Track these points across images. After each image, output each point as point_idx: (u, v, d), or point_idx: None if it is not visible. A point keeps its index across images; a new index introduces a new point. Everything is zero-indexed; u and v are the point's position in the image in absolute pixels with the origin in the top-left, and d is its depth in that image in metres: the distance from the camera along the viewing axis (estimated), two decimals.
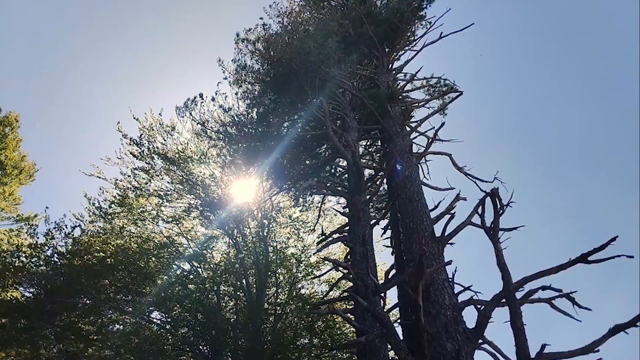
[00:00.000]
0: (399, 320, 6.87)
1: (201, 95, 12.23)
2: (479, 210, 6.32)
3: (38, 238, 12.67)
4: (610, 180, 29.81)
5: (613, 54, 28.61)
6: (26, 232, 12.88)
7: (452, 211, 7.35)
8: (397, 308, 7.15)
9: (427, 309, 5.64)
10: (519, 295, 5.33)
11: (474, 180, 8.76)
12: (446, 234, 6.79)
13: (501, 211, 5.99)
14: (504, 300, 5.39)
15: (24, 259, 12.43)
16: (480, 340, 5.52)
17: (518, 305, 5.14)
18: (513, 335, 4.89)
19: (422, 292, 5.24)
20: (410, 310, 5.94)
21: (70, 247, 12.57)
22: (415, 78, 11.84)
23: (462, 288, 6.33)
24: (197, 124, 12.64)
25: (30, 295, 12.73)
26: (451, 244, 7.04)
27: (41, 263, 12.42)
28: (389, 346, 6.52)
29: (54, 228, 12.45)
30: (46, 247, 12.42)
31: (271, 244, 14.45)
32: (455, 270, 6.26)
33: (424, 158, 9.54)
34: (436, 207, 7.75)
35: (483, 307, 5.62)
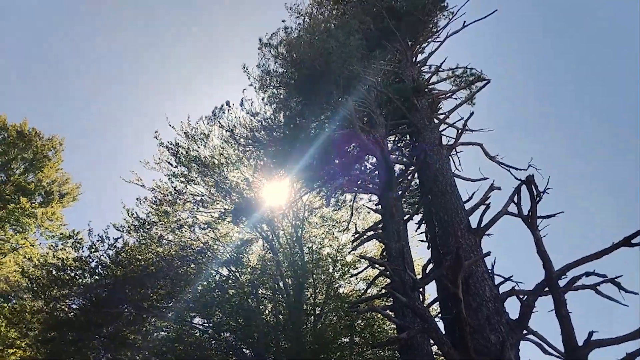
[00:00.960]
0: (439, 315, 6.80)
1: (228, 103, 12.44)
2: (515, 199, 6.21)
3: (83, 251, 13.09)
4: None
5: None
6: (71, 246, 13.30)
7: (487, 201, 7.23)
8: (437, 302, 7.08)
9: (467, 302, 5.58)
10: (562, 283, 5.21)
11: (507, 168, 8.59)
12: (482, 225, 6.68)
13: (538, 198, 5.87)
14: (546, 289, 5.28)
15: (70, 272, 12.88)
16: (524, 331, 5.42)
17: (562, 293, 5.04)
18: (558, 324, 4.79)
19: (462, 285, 5.19)
20: (451, 304, 5.88)
21: (113, 258, 12.94)
22: (441, 69, 11.69)
23: (503, 279, 6.22)
24: (226, 131, 12.85)
25: (78, 307, 13.15)
26: (488, 235, 6.94)
27: (86, 275, 12.83)
28: (431, 341, 6.48)
29: (97, 241, 12.83)
30: (90, 260, 12.82)
31: (306, 244, 14.53)
32: (495, 262, 6.16)
33: (454, 150, 9.42)
34: (470, 198, 7.64)
35: (525, 297, 5.52)
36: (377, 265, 8.76)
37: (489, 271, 6.16)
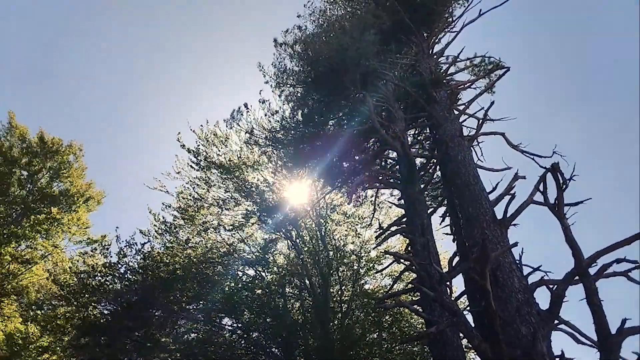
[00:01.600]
0: (468, 308, 6.73)
1: (246, 105, 12.51)
2: (541, 188, 6.10)
3: (111, 257, 13.35)
4: None
5: None
6: (99, 253, 13.57)
7: (512, 191, 7.10)
8: (465, 295, 7.00)
9: (496, 294, 5.50)
10: (592, 270, 5.10)
11: (531, 157, 8.43)
12: (508, 215, 6.57)
13: (564, 186, 5.75)
14: (577, 277, 5.17)
15: (99, 279, 13.14)
16: (556, 321, 5.32)
17: (593, 281, 4.93)
18: (590, 312, 4.69)
19: (490, 277, 5.12)
20: (479, 296, 5.81)
21: (141, 262, 13.16)
22: (458, 60, 11.54)
23: (531, 269, 6.10)
24: (245, 132, 12.94)
25: (109, 312, 13.41)
26: (515, 225, 6.83)
27: (116, 281, 13.08)
28: (461, 335, 6.41)
29: (125, 246, 13.07)
30: (119, 265, 13.07)
31: (330, 242, 14.54)
32: (522, 252, 6.06)
33: (476, 140, 9.30)
34: (494, 189, 7.52)
35: (555, 286, 5.41)
36: (402, 260, 8.69)
37: (517, 262, 6.07)
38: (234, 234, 14.42)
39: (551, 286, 5.55)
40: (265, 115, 12.26)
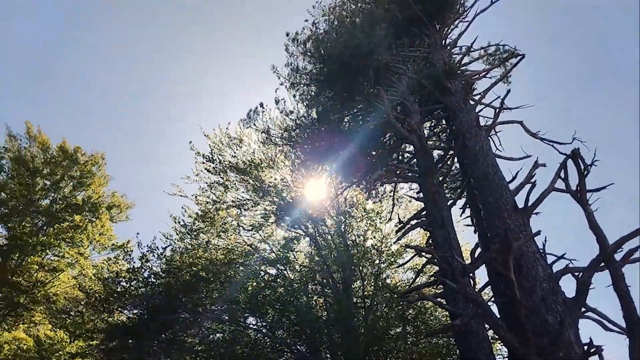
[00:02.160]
0: (492, 299, 6.69)
1: (261, 105, 12.59)
2: (562, 174, 6.03)
3: (134, 262, 13.58)
4: None
5: None
6: (123, 259, 13.81)
7: (533, 180, 7.02)
8: (489, 287, 6.96)
9: (520, 284, 5.46)
10: (618, 256, 5.04)
11: (550, 144, 8.31)
12: (529, 204, 6.51)
13: (586, 172, 5.69)
14: (602, 264, 5.11)
15: (124, 284, 13.38)
16: (582, 309, 5.27)
17: (619, 267, 4.87)
18: (618, 299, 4.64)
19: (513, 267, 5.09)
20: (503, 287, 5.78)
21: (164, 266, 13.36)
22: (472, 49, 11.41)
23: (556, 257, 6.05)
24: (262, 132, 13.02)
25: (135, 316, 13.65)
26: (536, 214, 6.76)
27: (140, 285, 13.30)
28: (487, 326, 6.39)
29: (147, 251, 13.28)
30: (143, 270, 13.28)
31: (350, 238, 14.57)
32: (545, 240, 6.00)
33: (493, 130, 9.19)
34: (514, 178, 7.45)
35: (581, 274, 5.36)
36: (423, 253, 8.68)
37: (540, 251, 6.01)
38: (253, 234, 14.56)
39: (576, 274, 5.49)
40: (281, 113, 12.33)
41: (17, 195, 17.59)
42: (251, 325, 13.47)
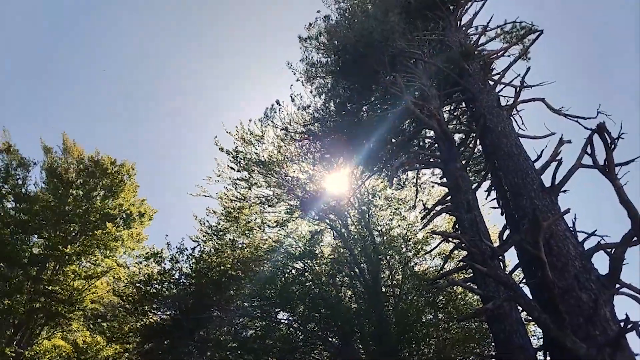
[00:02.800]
0: (523, 280, 6.60)
1: (278, 102, 12.63)
2: (588, 150, 5.89)
3: (165, 264, 13.83)
4: None
5: None
6: (154, 261, 14.07)
7: (558, 157, 6.87)
8: (520, 268, 6.87)
9: (552, 263, 5.36)
10: None
11: (575, 119, 8.11)
12: (556, 182, 6.38)
13: (612, 146, 5.54)
14: (635, 238, 4.99)
15: (156, 286, 13.65)
16: (617, 285, 5.16)
17: None
18: None
19: (544, 247, 5.00)
20: (534, 267, 5.69)
21: (194, 266, 13.57)
22: (488, 29, 11.20)
23: (587, 235, 5.92)
24: (280, 129, 13.07)
25: (168, 317, 13.92)
26: (564, 191, 6.62)
27: (172, 287, 13.55)
28: (520, 308, 6.30)
29: (177, 253, 13.50)
30: (173, 272, 13.53)
31: (375, 228, 14.53)
32: (575, 218, 5.87)
33: (515, 109, 9.02)
34: (539, 156, 7.29)
35: (614, 250, 5.23)
36: (450, 239, 8.61)
37: (571, 229, 5.89)
38: (279, 230, 14.66)
39: (609, 250, 5.37)
40: (298, 109, 12.34)
41: (51, 207, 18.05)
42: (282, 320, 13.59)
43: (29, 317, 17.26)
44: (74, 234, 18.79)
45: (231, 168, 14.31)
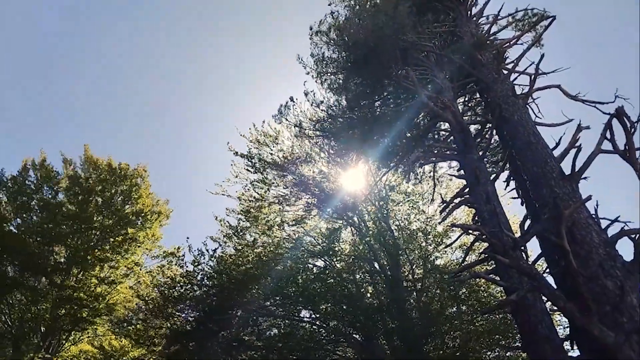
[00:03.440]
0: (547, 270, 6.52)
1: (292, 99, 12.63)
2: (608, 135, 5.80)
3: (187, 266, 13.98)
4: None
5: None
6: (175, 264, 14.24)
7: (577, 144, 6.76)
8: (542, 258, 6.79)
9: (575, 252, 5.30)
10: None
11: (592, 105, 7.96)
12: (576, 169, 6.29)
13: (632, 130, 5.45)
14: None
15: (179, 288, 13.81)
16: None
17: None
18: None
19: (566, 236, 4.94)
20: (558, 257, 5.62)
21: (215, 267, 13.69)
22: (499, 17, 11.06)
23: (609, 221, 5.82)
24: (294, 127, 13.08)
25: (193, 318, 14.07)
26: (584, 178, 6.52)
27: (195, 288, 13.70)
28: (544, 298, 6.24)
29: (198, 254, 13.63)
30: (196, 273, 13.66)
31: (393, 223, 14.49)
32: (597, 205, 5.79)
33: (530, 97, 8.90)
34: (558, 144, 7.18)
35: (638, 235, 5.15)
36: (470, 231, 8.52)
37: (593, 216, 5.81)
38: (298, 228, 14.72)
39: (633, 236, 5.29)
40: (312, 105, 12.33)
41: (73, 216, 18.44)
42: (305, 318, 13.66)
43: (55, 323, 17.64)
44: (95, 240, 19.14)
45: (247, 170, 14.41)
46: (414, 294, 13.35)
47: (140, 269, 19.93)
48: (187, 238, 14.09)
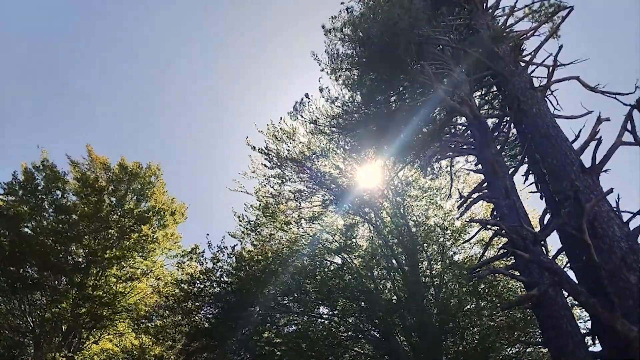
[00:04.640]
0: (568, 265, 6.42)
1: (307, 95, 12.63)
2: (629, 126, 5.68)
3: (207, 263, 14.12)
4: None
5: None
6: (195, 261, 14.38)
7: (597, 136, 6.64)
8: (563, 252, 6.70)
9: (597, 246, 5.21)
10: None
11: (612, 96, 7.80)
12: (597, 162, 6.18)
13: None
14: None
15: (199, 285, 13.95)
16: None
17: None
18: None
19: (588, 229, 4.87)
20: (579, 251, 5.54)
21: (234, 264, 13.79)
22: (515, 9, 10.88)
23: (631, 215, 5.71)
24: (310, 123, 13.08)
25: (212, 315, 14.21)
26: (605, 171, 6.40)
27: (214, 285, 13.82)
28: (565, 293, 6.16)
29: (217, 251, 13.75)
30: (215, 270, 13.79)
31: (411, 218, 14.42)
32: (619, 198, 5.69)
33: (549, 90, 8.76)
34: (577, 136, 7.07)
35: None
36: (489, 226, 8.45)
37: (615, 209, 5.71)
38: (314, 224, 14.75)
39: None
40: (327, 101, 12.30)
41: (88, 215, 18.67)
42: (323, 315, 13.69)
43: (75, 322, 17.92)
44: (112, 239, 19.37)
45: (264, 165, 14.49)
46: (433, 289, 13.29)
47: (160, 268, 20.16)
48: (207, 235, 14.25)
